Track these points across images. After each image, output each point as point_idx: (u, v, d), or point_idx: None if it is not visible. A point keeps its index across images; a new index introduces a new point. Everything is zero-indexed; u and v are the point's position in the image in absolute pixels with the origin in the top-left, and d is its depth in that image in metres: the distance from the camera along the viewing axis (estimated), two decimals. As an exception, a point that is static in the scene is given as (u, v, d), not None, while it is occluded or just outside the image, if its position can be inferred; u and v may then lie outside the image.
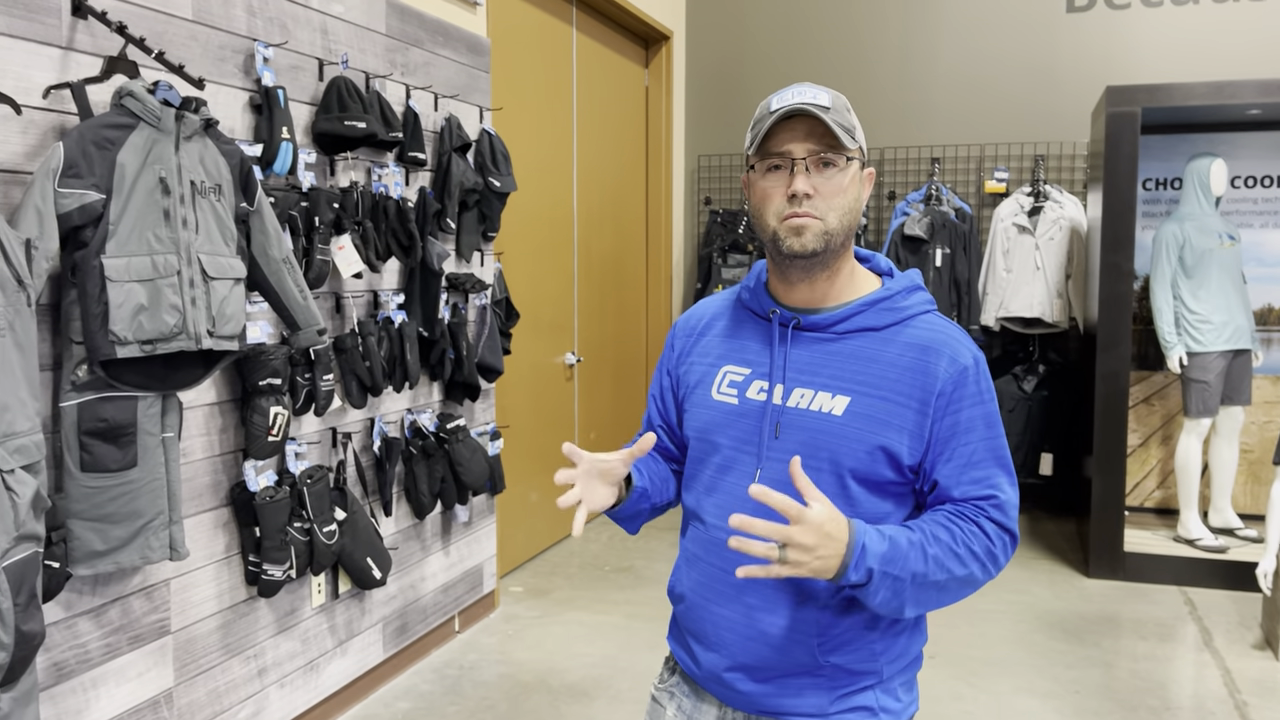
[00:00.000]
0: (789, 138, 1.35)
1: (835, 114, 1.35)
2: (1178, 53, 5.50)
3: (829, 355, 1.39)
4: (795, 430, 1.37)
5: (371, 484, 3.34)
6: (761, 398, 1.40)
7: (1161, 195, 5.25)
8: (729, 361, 1.47)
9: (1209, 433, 4.75)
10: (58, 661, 2.27)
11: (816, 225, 1.34)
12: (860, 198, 1.39)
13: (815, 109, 1.33)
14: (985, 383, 1.39)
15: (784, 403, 1.38)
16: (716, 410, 1.45)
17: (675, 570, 1.53)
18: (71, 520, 2.18)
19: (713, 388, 1.47)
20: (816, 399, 1.37)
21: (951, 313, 5.47)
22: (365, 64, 3.24)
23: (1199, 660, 3.72)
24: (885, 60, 6.04)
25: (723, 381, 1.46)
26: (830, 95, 1.36)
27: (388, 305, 3.33)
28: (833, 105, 1.36)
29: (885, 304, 1.41)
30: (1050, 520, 5.67)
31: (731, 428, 1.42)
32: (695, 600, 1.46)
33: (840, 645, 1.38)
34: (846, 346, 1.38)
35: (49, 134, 2.19)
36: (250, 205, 2.47)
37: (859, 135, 1.39)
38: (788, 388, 1.39)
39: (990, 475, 1.36)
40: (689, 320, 1.58)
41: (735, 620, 1.40)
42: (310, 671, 3.09)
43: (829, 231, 1.35)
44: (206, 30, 2.61)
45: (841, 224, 1.36)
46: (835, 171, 1.35)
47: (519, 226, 4.56)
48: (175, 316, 2.21)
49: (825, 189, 1.35)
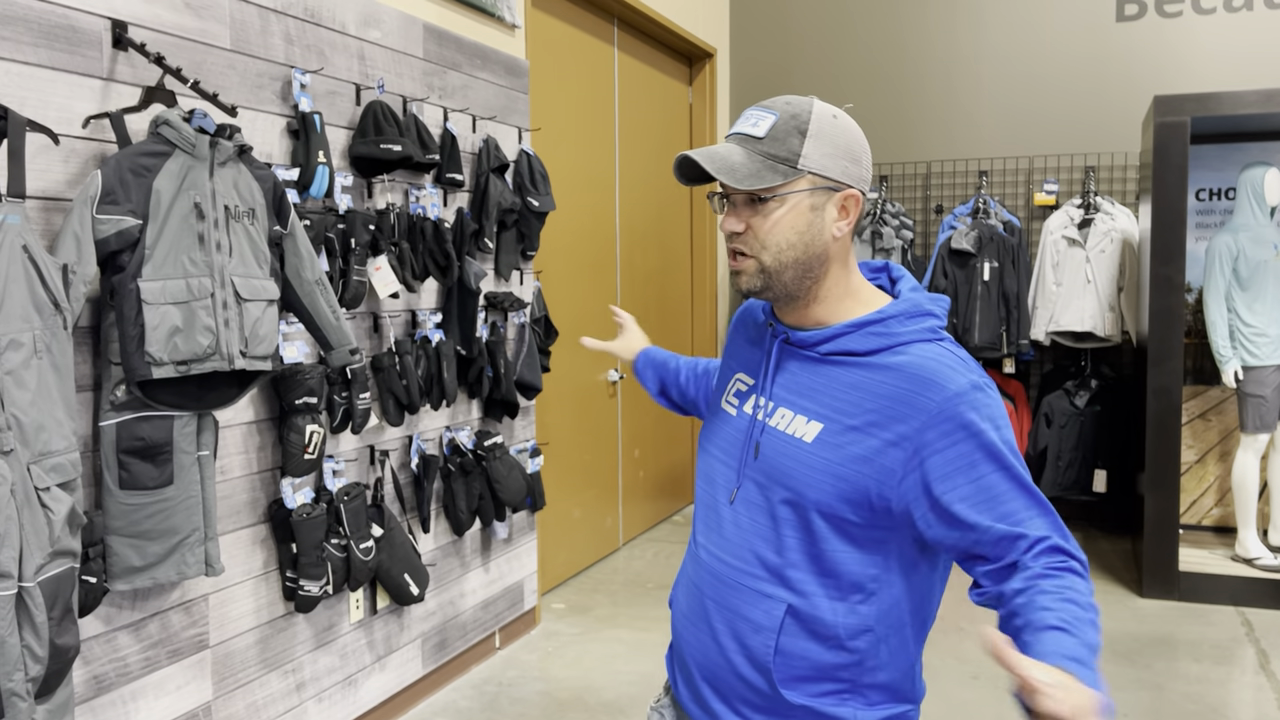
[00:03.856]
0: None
1: (769, 143, 1.26)
2: (1232, 61, 5.38)
3: (814, 377, 1.31)
4: (769, 452, 1.32)
5: (409, 501, 3.38)
6: (753, 413, 1.38)
7: (1215, 206, 5.14)
8: (743, 369, 1.45)
9: (1267, 449, 4.63)
10: (98, 674, 2.33)
11: (750, 265, 1.29)
12: (817, 225, 1.28)
13: (743, 140, 1.27)
14: (987, 410, 1.22)
15: (766, 421, 1.35)
16: (718, 419, 1.45)
17: (674, 585, 1.52)
18: (110, 536, 2.24)
19: (724, 395, 1.46)
20: (794, 422, 1.31)
21: (1000, 327, 5.39)
22: (403, 88, 3.31)
23: (1255, 683, 3.61)
24: (931, 73, 6.00)
25: (732, 390, 1.45)
26: (776, 118, 1.27)
27: (425, 324, 3.38)
28: (769, 134, 1.26)
29: (875, 328, 1.29)
30: (1104, 539, 5.55)
31: (724, 439, 1.41)
32: (677, 618, 1.45)
33: (798, 680, 1.30)
34: (830, 370, 1.30)
35: (89, 162, 2.26)
36: (284, 228, 2.53)
37: (810, 160, 1.26)
38: (774, 406, 1.35)
39: (1018, 510, 1.20)
40: (740, 315, 1.56)
41: (706, 643, 1.36)
42: (348, 686, 3.13)
43: (765, 270, 1.29)
44: (244, 59, 2.68)
45: (780, 261, 1.28)
46: (770, 205, 1.27)
47: (562, 245, 4.60)
48: (209, 338, 2.27)
49: (757, 225, 1.28)
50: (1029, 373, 5.84)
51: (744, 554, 1.33)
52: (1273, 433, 4.52)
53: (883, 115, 6.12)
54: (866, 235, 5.74)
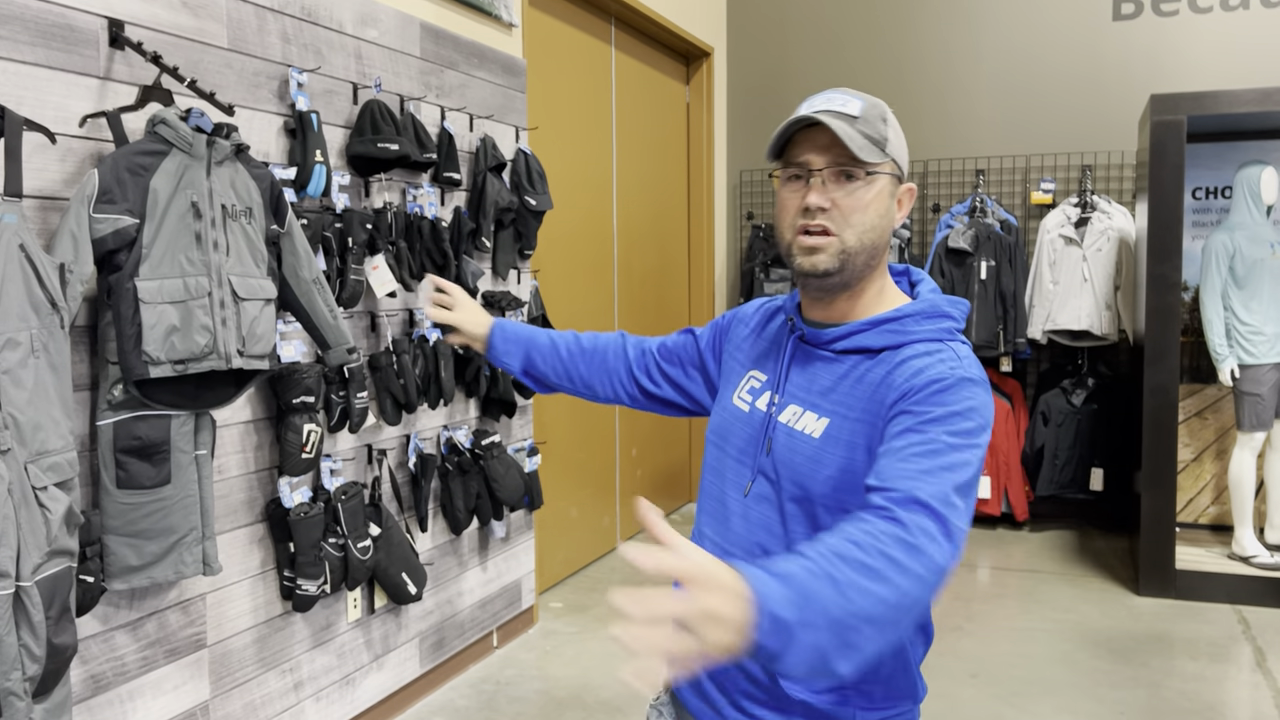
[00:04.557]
0: (809, 147, 1.27)
1: (863, 123, 1.26)
2: (1228, 59, 5.39)
3: (827, 374, 1.32)
4: (780, 449, 1.32)
5: (407, 500, 3.38)
6: (766, 410, 1.37)
7: (1212, 204, 5.14)
8: (755, 367, 1.44)
9: (1264, 447, 4.63)
10: (95, 674, 2.33)
11: (832, 244, 1.26)
12: (890, 214, 1.30)
13: (840, 117, 1.25)
14: (969, 401, 1.18)
15: (777, 416, 1.34)
16: (730, 414, 1.43)
17: None
18: (107, 536, 2.24)
19: (735, 391, 1.45)
20: (803, 418, 1.31)
21: (997, 326, 5.40)
22: (400, 87, 3.30)
23: (1251, 681, 3.61)
24: (928, 72, 6.00)
25: (744, 386, 1.43)
26: (864, 103, 1.28)
27: (423, 323, 3.38)
28: (862, 114, 1.27)
29: (890, 325, 1.29)
30: (1101, 537, 5.55)
31: (738, 435, 1.40)
32: None
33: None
34: (842, 367, 1.31)
35: (86, 161, 2.26)
36: (281, 227, 2.53)
37: (893, 148, 1.29)
38: (785, 402, 1.34)
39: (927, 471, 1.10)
40: (741, 313, 1.56)
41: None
42: (346, 685, 3.13)
43: (845, 250, 1.26)
44: (241, 58, 2.68)
45: (862, 243, 1.27)
46: (858, 185, 1.26)
47: (559, 244, 4.60)
48: (206, 337, 2.27)
49: (845, 204, 1.26)
50: (1026, 371, 5.85)
51: (750, 547, 1.33)
52: (1269, 431, 4.53)
53: (880, 114, 6.11)
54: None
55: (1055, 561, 5.09)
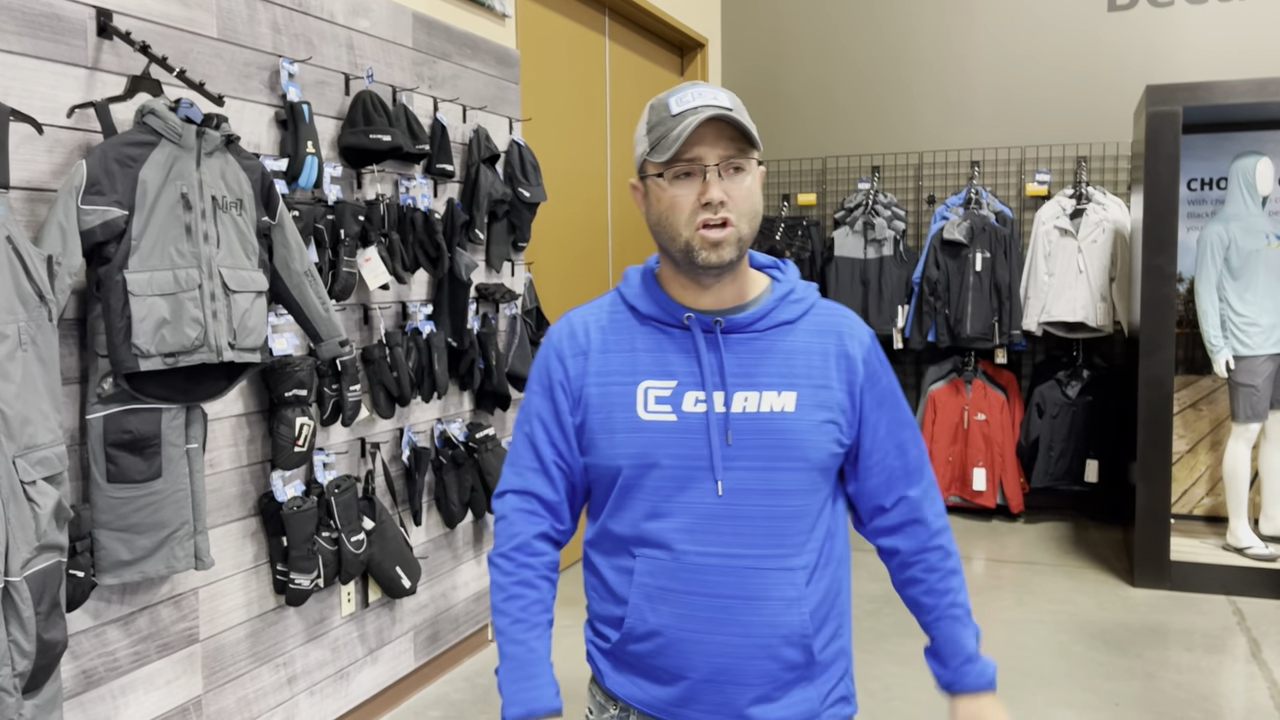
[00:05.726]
0: (697, 143, 1.30)
1: (739, 114, 1.31)
2: (1223, 50, 5.38)
3: (758, 354, 1.36)
4: (752, 435, 1.33)
5: (401, 494, 3.37)
6: (701, 408, 1.34)
7: (1207, 196, 5.14)
8: (647, 377, 1.37)
9: (1258, 438, 4.63)
10: (86, 669, 2.31)
11: (732, 234, 1.31)
12: (761, 197, 1.38)
13: (724, 110, 1.29)
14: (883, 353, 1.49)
15: (728, 409, 1.34)
16: (652, 430, 1.35)
17: (632, 610, 1.37)
18: (98, 530, 2.23)
19: (638, 407, 1.36)
20: (764, 399, 1.34)
21: (992, 317, 5.39)
22: (392, 78, 3.28)
23: (1246, 672, 3.62)
24: (922, 63, 5.98)
25: (647, 399, 1.36)
26: (729, 95, 1.33)
27: (416, 316, 3.36)
28: (734, 106, 1.32)
29: (793, 296, 1.41)
30: (1096, 529, 5.56)
31: (674, 445, 1.34)
32: (676, 636, 1.35)
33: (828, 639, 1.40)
34: (769, 343, 1.37)
35: (74, 152, 2.24)
36: (272, 219, 2.51)
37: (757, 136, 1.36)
38: (729, 393, 1.34)
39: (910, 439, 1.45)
40: (570, 337, 1.42)
41: (731, 642, 1.33)
42: (340, 680, 3.12)
43: (742, 238, 1.32)
44: (232, 48, 2.66)
45: (752, 228, 1.34)
46: (745, 175, 1.33)
47: (553, 236, 4.58)
48: (197, 329, 2.25)
49: (736, 194, 1.31)
50: (1021, 363, 5.85)
51: (757, 538, 1.33)
52: (1264, 422, 4.52)
53: (874, 105, 6.10)
54: (859, 226, 5.73)
55: (1050, 553, 5.09)
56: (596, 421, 1.38)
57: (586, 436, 1.40)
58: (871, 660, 3.73)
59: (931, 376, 5.77)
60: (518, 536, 1.41)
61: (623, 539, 1.38)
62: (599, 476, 1.41)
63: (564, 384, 1.41)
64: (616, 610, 1.40)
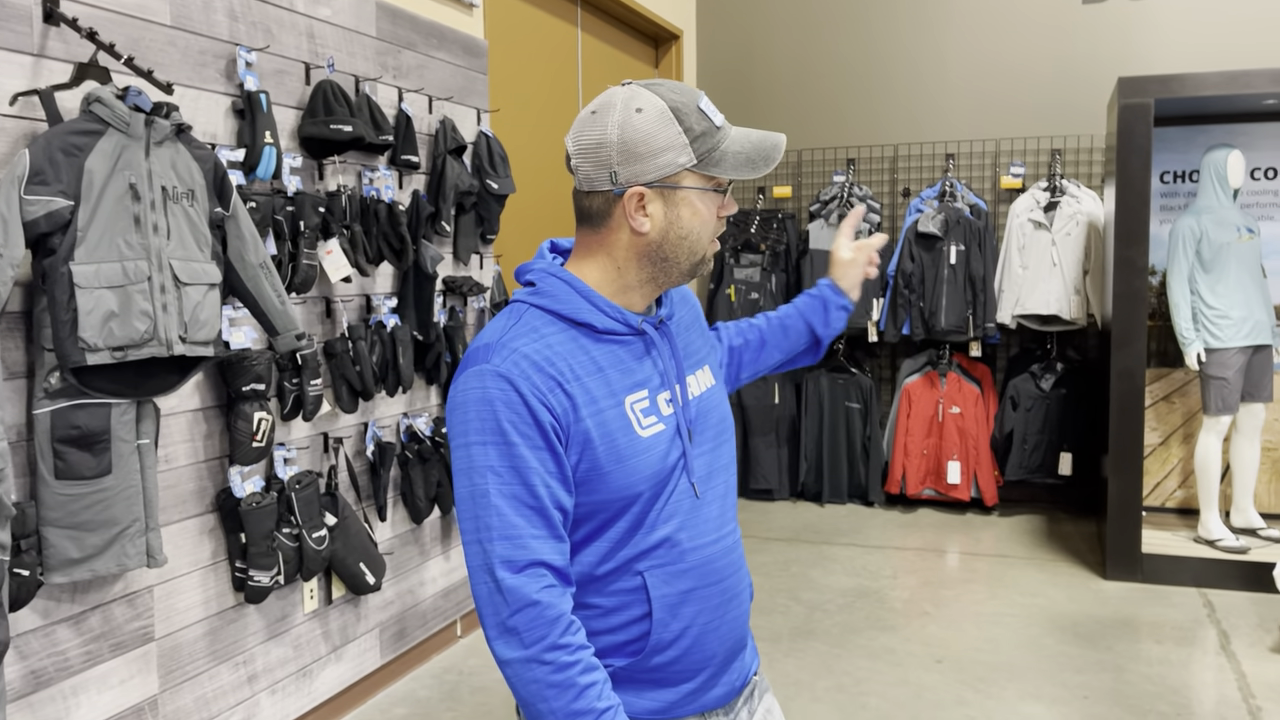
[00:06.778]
0: None
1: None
2: (1197, 44, 5.38)
3: (682, 343, 1.44)
4: (703, 421, 1.39)
5: (365, 489, 3.33)
6: (672, 409, 1.35)
7: (1180, 188, 5.14)
8: (624, 393, 1.30)
9: (1230, 431, 4.64)
10: (35, 669, 2.26)
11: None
12: None
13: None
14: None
15: (689, 399, 1.39)
16: (654, 445, 1.31)
17: (657, 624, 1.31)
18: (46, 528, 2.18)
19: (634, 427, 1.30)
20: (700, 379, 1.43)
21: (966, 310, 5.38)
22: (355, 67, 3.23)
23: (1215, 664, 3.62)
24: (897, 56, 5.96)
25: (636, 416, 1.30)
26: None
27: (381, 309, 3.32)
28: None
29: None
30: (1070, 521, 5.56)
31: (673, 452, 1.33)
32: (700, 631, 1.35)
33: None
34: (678, 329, 1.44)
35: (19, 141, 2.19)
36: (226, 210, 2.46)
37: None
38: (684, 387, 1.38)
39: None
40: (538, 370, 1.24)
41: (736, 621, 1.41)
42: (303, 678, 3.08)
43: None
44: (186, 35, 2.60)
45: None
46: None
47: (523, 229, 4.54)
48: (146, 323, 2.20)
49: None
50: (995, 356, 5.84)
51: (723, 521, 1.40)
52: (1235, 415, 4.53)
53: (850, 98, 6.08)
54: (835, 219, 5.71)
55: (1023, 546, 5.09)
56: (602, 455, 1.26)
57: (589, 474, 1.26)
58: (843, 654, 3.72)
59: (906, 370, 5.76)
60: (561, 620, 1.21)
61: (625, 561, 1.31)
62: (596, 510, 1.29)
63: (554, 426, 1.23)
64: (624, 636, 1.32)
